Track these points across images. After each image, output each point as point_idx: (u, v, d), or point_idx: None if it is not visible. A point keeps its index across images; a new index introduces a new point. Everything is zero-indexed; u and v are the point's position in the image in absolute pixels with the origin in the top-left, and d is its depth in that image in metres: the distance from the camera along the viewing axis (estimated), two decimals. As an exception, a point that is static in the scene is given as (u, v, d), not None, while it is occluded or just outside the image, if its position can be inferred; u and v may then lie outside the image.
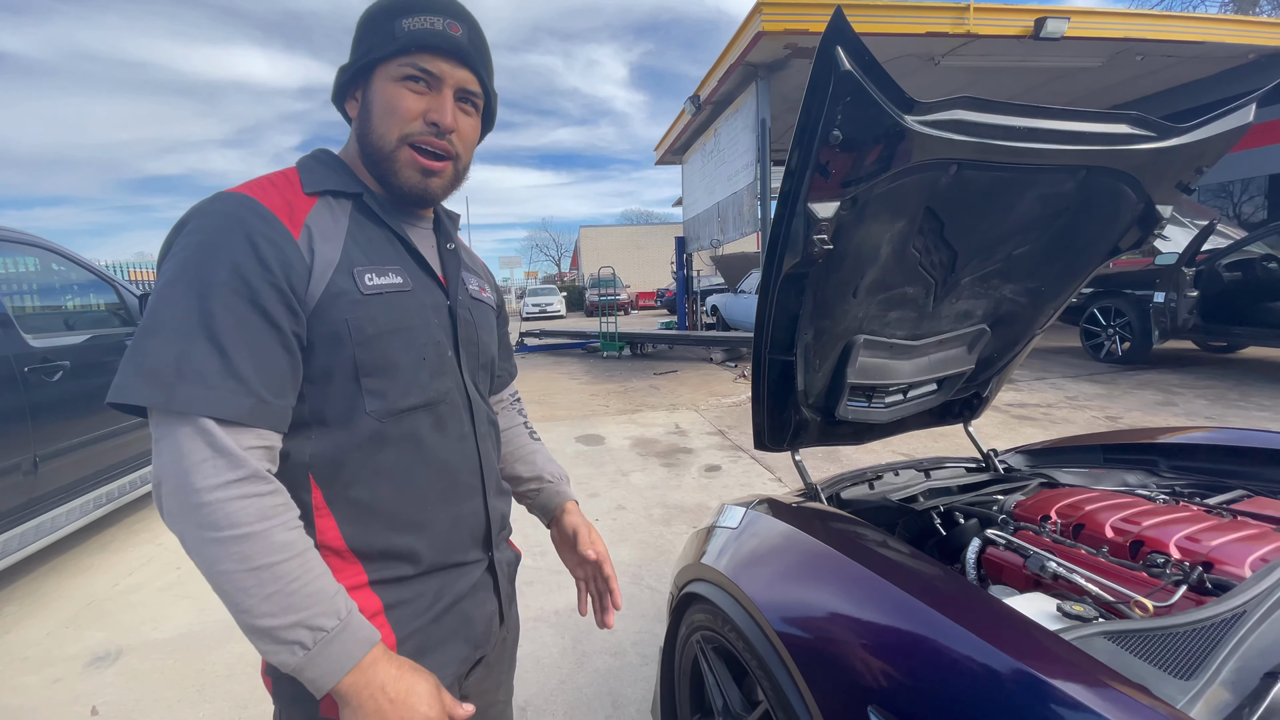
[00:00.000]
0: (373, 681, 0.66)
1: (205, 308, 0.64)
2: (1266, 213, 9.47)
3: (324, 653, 0.64)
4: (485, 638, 0.91)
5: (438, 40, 0.75)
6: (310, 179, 0.77)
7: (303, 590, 0.64)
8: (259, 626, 0.63)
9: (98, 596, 2.77)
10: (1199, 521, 1.10)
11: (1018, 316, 1.49)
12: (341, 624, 0.66)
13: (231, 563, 0.62)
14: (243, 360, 0.65)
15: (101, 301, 3.53)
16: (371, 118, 0.78)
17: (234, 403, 0.64)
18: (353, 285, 0.74)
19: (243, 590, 0.62)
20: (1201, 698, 0.67)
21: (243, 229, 0.67)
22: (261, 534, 0.63)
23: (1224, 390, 5.51)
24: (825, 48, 0.86)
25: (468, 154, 0.85)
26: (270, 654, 0.64)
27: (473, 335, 0.89)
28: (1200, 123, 1.16)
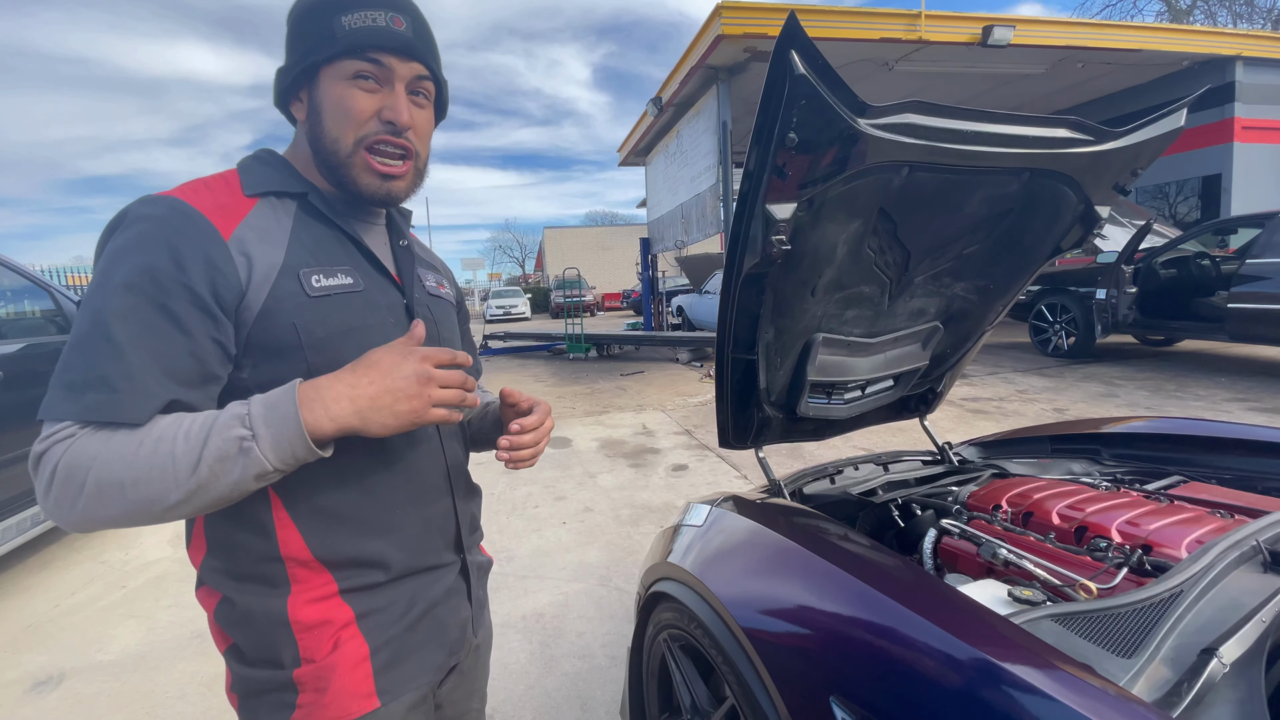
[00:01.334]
0: (334, 392, 0.63)
1: (108, 311, 0.61)
2: (1200, 213, 10.01)
3: (264, 420, 0.61)
4: (460, 644, 0.90)
5: (384, 38, 0.73)
6: (250, 180, 0.74)
7: (195, 422, 0.61)
8: (204, 475, 0.59)
9: (38, 618, 2.63)
10: (1138, 507, 1.15)
11: (969, 313, 1.54)
12: (250, 402, 0.63)
13: (128, 472, 0.58)
14: (144, 363, 0.61)
15: (37, 308, 3.36)
16: (323, 121, 0.75)
17: (141, 405, 0.61)
18: (298, 287, 0.71)
19: (158, 471, 0.58)
20: (1143, 675, 0.71)
21: (162, 232, 0.64)
22: (114, 439, 0.59)
23: (1162, 382, 5.80)
24: (780, 52, 0.87)
25: (425, 148, 0.83)
26: (242, 476, 0.60)
27: (433, 333, 0.87)
28: (1135, 127, 1.22)
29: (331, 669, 0.73)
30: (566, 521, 3.36)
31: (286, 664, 0.73)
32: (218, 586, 0.75)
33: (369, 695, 0.76)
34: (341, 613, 0.75)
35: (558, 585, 2.64)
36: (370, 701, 0.76)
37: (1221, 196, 9.59)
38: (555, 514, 3.50)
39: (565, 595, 2.56)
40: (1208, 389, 5.38)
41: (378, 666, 0.77)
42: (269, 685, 0.74)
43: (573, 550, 3.00)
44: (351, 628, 0.75)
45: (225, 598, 0.74)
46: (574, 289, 13.27)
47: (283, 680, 0.73)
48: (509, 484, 3.98)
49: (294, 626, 0.73)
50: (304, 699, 0.73)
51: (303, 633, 0.73)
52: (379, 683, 0.77)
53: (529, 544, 3.09)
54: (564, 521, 3.37)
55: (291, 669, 0.73)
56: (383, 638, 0.78)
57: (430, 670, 0.84)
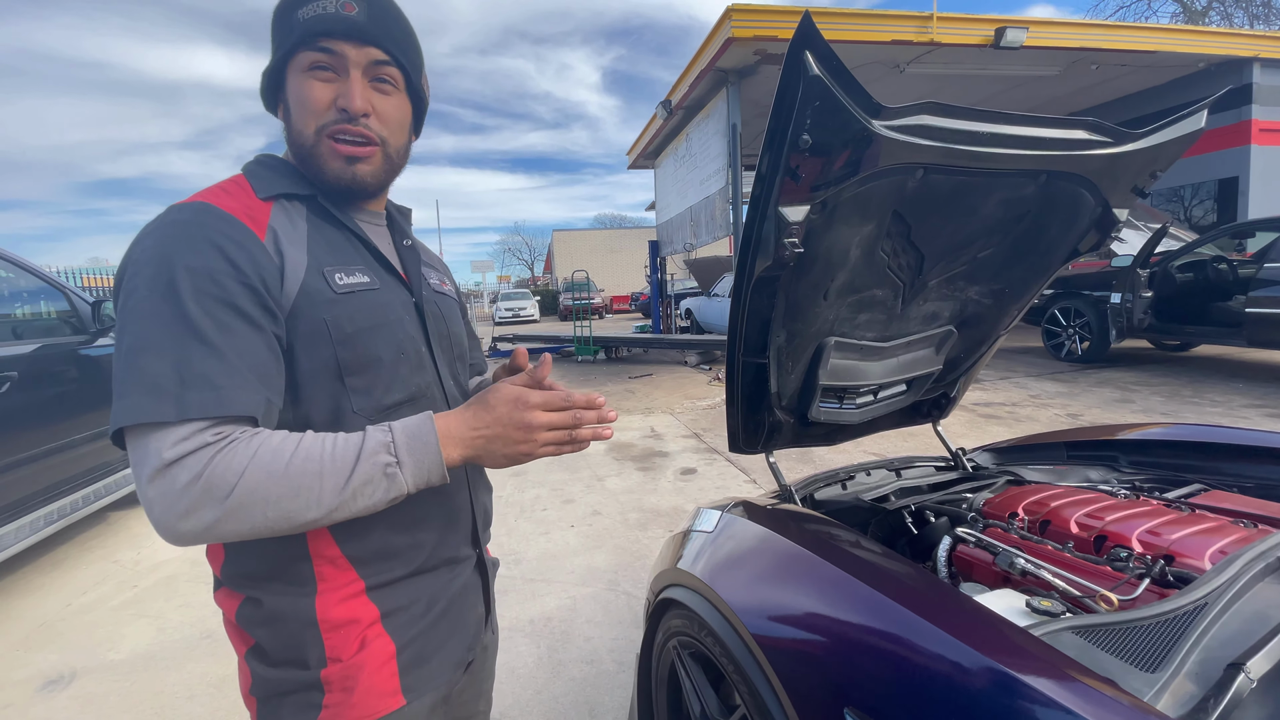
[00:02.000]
0: (463, 431, 0.69)
1: (187, 314, 0.62)
2: (1216, 216, 9.88)
3: (408, 449, 0.66)
4: (476, 640, 0.91)
5: (331, 24, 0.72)
6: (261, 184, 0.75)
7: (340, 443, 0.65)
8: (351, 491, 0.63)
9: (50, 617, 2.65)
10: (1159, 516, 1.13)
11: (983, 317, 1.52)
12: (393, 430, 0.67)
13: (275, 488, 0.60)
14: (238, 361, 0.63)
15: (52, 309, 3.39)
16: (291, 117, 0.76)
17: (245, 399, 0.63)
18: (325, 285, 0.72)
19: (301, 490, 0.61)
20: (1167, 690, 0.69)
21: (205, 234, 0.65)
22: (262, 452, 0.61)
23: (1178, 387, 5.72)
24: (794, 52, 0.86)
25: (396, 135, 0.80)
26: (381, 499, 0.65)
27: (443, 329, 0.89)
28: (1155, 128, 1.20)
29: (359, 668, 0.74)
30: (574, 525, 3.36)
31: (312, 664, 0.73)
32: (240, 588, 0.75)
33: (394, 693, 0.76)
34: (368, 611, 0.75)
35: (565, 589, 2.63)
36: (396, 699, 0.76)
37: (1239, 199, 9.47)
38: (563, 517, 3.49)
39: (573, 599, 2.55)
40: (1225, 395, 5.29)
41: (403, 664, 0.78)
42: (294, 686, 0.73)
43: (581, 554, 2.99)
44: (377, 626, 0.76)
45: (249, 598, 0.74)
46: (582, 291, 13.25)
47: (309, 680, 0.73)
48: (517, 486, 3.97)
49: (321, 626, 0.73)
50: (330, 699, 0.73)
51: (330, 632, 0.73)
52: (404, 680, 0.77)
53: (537, 547, 3.08)
54: (572, 525, 3.36)
55: (318, 669, 0.73)
56: (407, 635, 0.78)
57: (451, 666, 0.85)
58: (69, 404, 3.11)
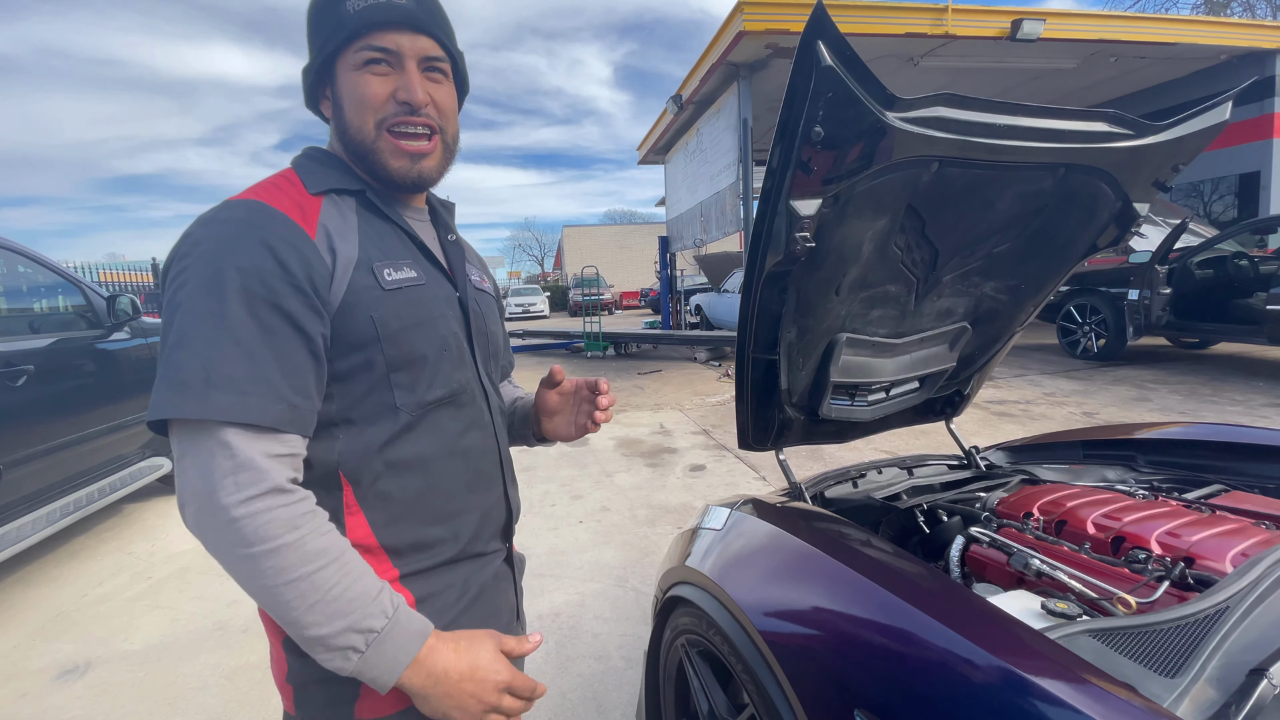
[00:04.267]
0: (435, 669, 0.67)
1: (228, 314, 0.62)
2: (1237, 211, 9.71)
3: (379, 652, 0.64)
4: (509, 628, 0.91)
5: (385, 14, 0.72)
6: (312, 179, 0.75)
7: (345, 594, 0.63)
8: (309, 636, 0.62)
9: (66, 608, 2.69)
10: (1179, 517, 1.10)
11: (998, 314, 1.49)
12: (390, 621, 0.65)
13: (268, 577, 0.60)
14: (270, 365, 0.64)
15: (68, 304, 3.43)
16: (345, 113, 0.76)
17: (268, 408, 0.63)
18: (374, 281, 0.73)
19: (285, 603, 0.61)
20: (1188, 695, 0.67)
21: (257, 233, 0.66)
22: (293, 544, 0.61)
23: (1197, 385, 5.63)
24: (806, 43, 0.85)
25: (451, 123, 0.82)
26: (325, 661, 0.63)
27: (483, 326, 0.89)
28: (1177, 120, 1.17)
29: None
30: (583, 520, 3.36)
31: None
32: None
33: None
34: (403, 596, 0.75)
35: (574, 585, 2.64)
36: None
37: (1260, 194, 9.29)
38: (572, 513, 3.49)
39: (581, 595, 2.55)
40: (1245, 394, 5.20)
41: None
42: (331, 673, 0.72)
43: (589, 550, 2.99)
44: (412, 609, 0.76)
45: None
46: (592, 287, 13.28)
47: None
48: (527, 482, 3.98)
49: None
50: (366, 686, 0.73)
51: None
52: None
53: (546, 542, 3.09)
54: (580, 520, 3.36)
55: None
56: (442, 621, 0.78)
57: None
58: (85, 397, 3.15)
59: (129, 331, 3.59)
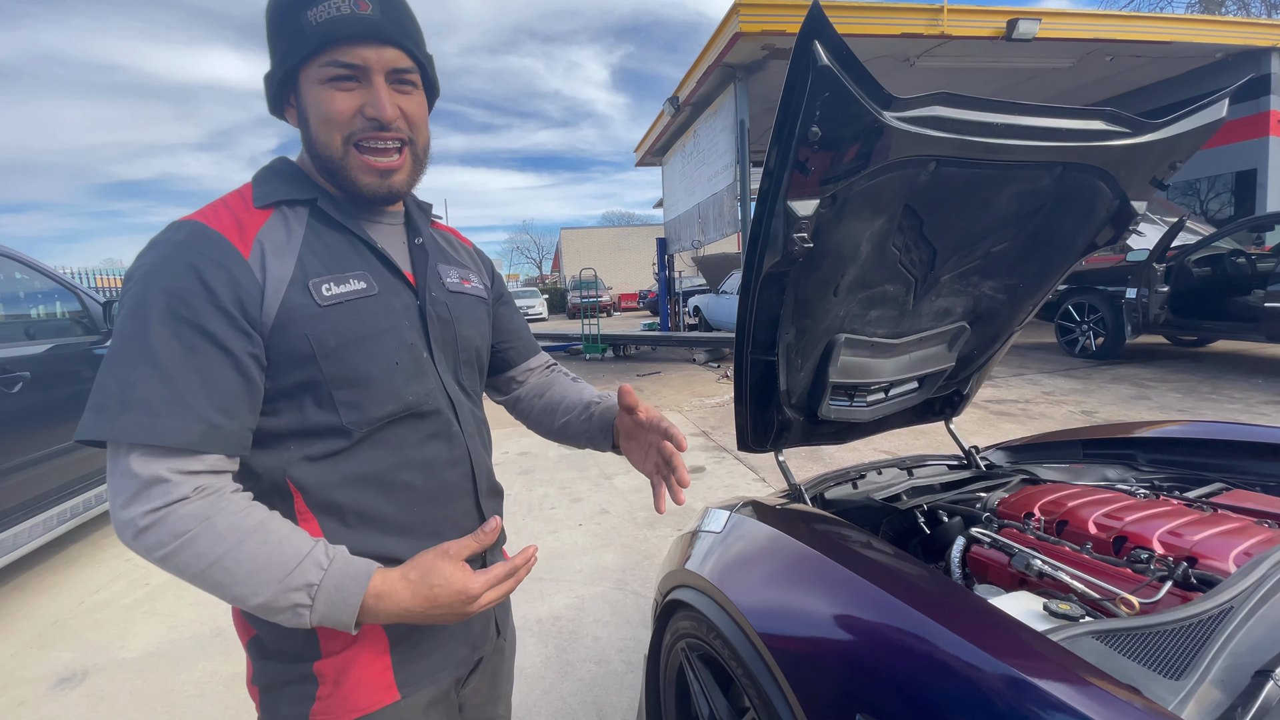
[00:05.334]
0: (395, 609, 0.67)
1: (151, 335, 0.63)
2: (1234, 209, 9.72)
3: (327, 601, 0.65)
4: (482, 638, 0.90)
5: (349, 27, 0.69)
6: (261, 192, 0.74)
7: (272, 561, 0.64)
8: (254, 606, 0.64)
9: (63, 615, 2.67)
10: (1180, 516, 1.10)
11: (997, 313, 1.49)
12: (327, 572, 0.66)
13: (195, 566, 0.62)
14: (190, 386, 0.64)
15: (65, 310, 3.42)
16: (311, 128, 0.74)
17: (182, 429, 0.63)
18: (309, 299, 0.71)
19: (221, 585, 0.63)
20: (1193, 698, 0.66)
21: (185, 255, 0.66)
22: (204, 532, 0.62)
23: (1195, 383, 5.63)
24: (803, 42, 0.84)
25: (421, 133, 0.79)
26: (281, 621, 0.65)
27: (449, 334, 0.85)
28: (1174, 118, 1.17)
29: (351, 661, 0.74)
30: (583, 523, 3.35)
31: (307, 656, 0.74)
32: None
33: (389, 687, 0.76)
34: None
35: (574, 588, 2.63)
36: (390, 694, 0.76)
37: (1257, 192, 9.30)
38: (571, 516, 3.48)
39: (581, 599, 2.54)
40: (1244, 391, 5.20)
41: (397, 659, 0.77)
42: (290, 677, 0.74)
43: (589, 553, 2.98)
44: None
45: None
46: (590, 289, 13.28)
47: (303, 672, 0.74)
48: (525, 485, 3.97)
49: None
50: (324, 690, 0.74)
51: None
52: (399, 675, 0.77)
53: (545, 546, 3.08)
54: (580, 523, 3.35)
55: (311, 661, 0.74)
56: (401, 629, 0.77)
57: (453, 664, 0.84)
58: (81, 403, 3.11)
59: (126, 337, 3.58)
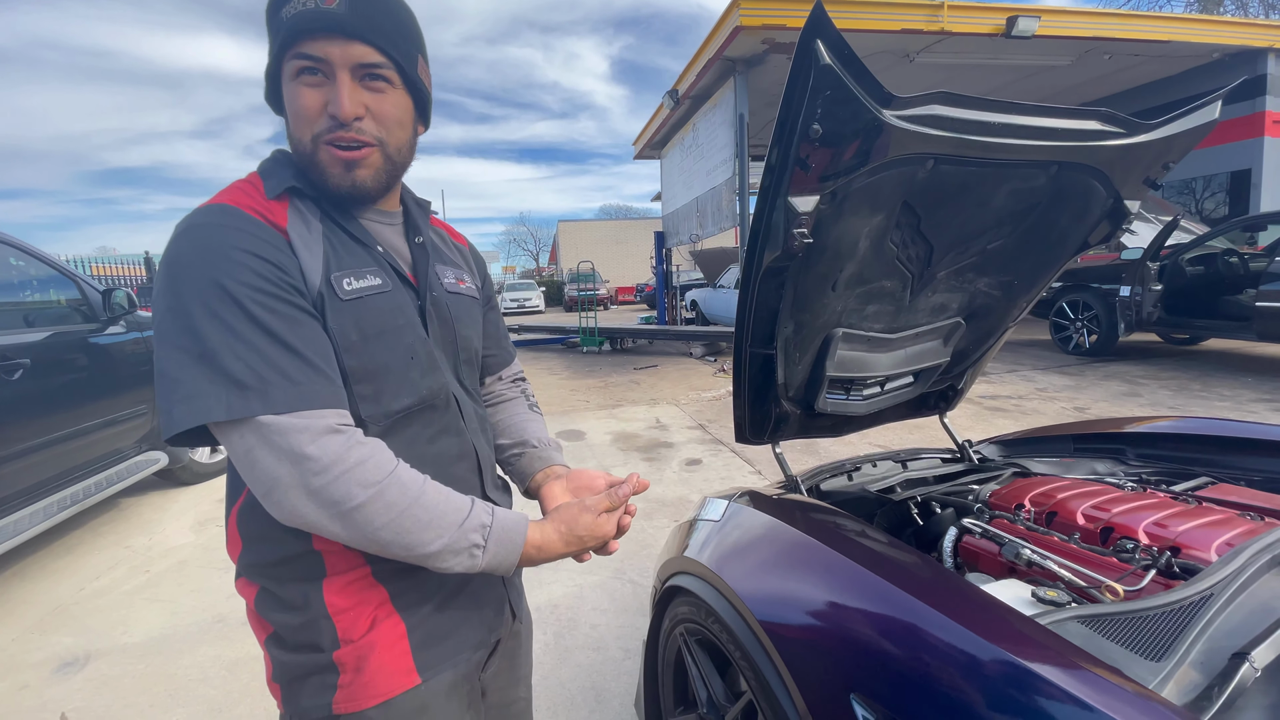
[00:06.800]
0: (550, 554, 0.78)
1: (250, 313, 0.64)
2: (1228, 209, 9.76)
3: (498, 542, 0.72)
4: (498, 621, 0.91)
5: (311, 21, 0.68)
6: (271, 183, 0.74)
7: (450, 506, 0.70)
8: (433, 551, 0.68)
9: (64, 601, 2.69)
10: (1166, 508, 1.13)
11: (991, 310, 1.51)
12: (494, 516, 0.73)
13: (382, 517, 0.65)
14: (309, 352, 0.67)
15: (63, 297, 3.42)
16: (289, 124, 0.75)
17: (322, 392, 0.66)
18: (331, 291, 0.72)
19: (405, 532, 0.67)
20: (1172, 678, 0.69)
21: (238, 235, 0.67)
22: (392, 481, 0.67)
23: (1187, 381, 5.68)
24: (805, 41, 0.86)
25: (395, 134, 0.76)
26: (453, 565, 0.70)
27: (449, 333, 0.87)
28: (1168, 119, 1.19)
29: (370, 647, 0.75)
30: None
31: (326, 646, 0.74)
32: (255, 578, 0.77)
33: (409, 671, 0.77)
34: (375, 592, 0.77)
35: (572, 577, 2.66)
36: (411, 678, 0.77)
37: (1251, 192, 9.34)
38: (569, 506, 3.49)
39: (579, 587, 2.57)
40: (1233, 389, 5.26)
41: (415, 643, 0.78)
42: (310, 669, 0.75)
43: (586, 543, 3.00)
44: (387, 606, 0.77)
45: (263, 588, 0.77)
46: (587, 282, 13.26)
47: (324, 663, 0.74)
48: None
49: (330, 609, 0.74)
50: (345, 679, 0.75)
51: (339, 614, 0.75)
52: (418, 659, 0.78)
53: (543, 536, 3.10)
54: (578, 514, 3.37)
55: (331, 651, 0.74)
56: (418, 614, 0.79)
57: (469, 647, 0.85)
58: (81, 391, 3.14)
59: (125, 325, 3.58)
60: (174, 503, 3.87)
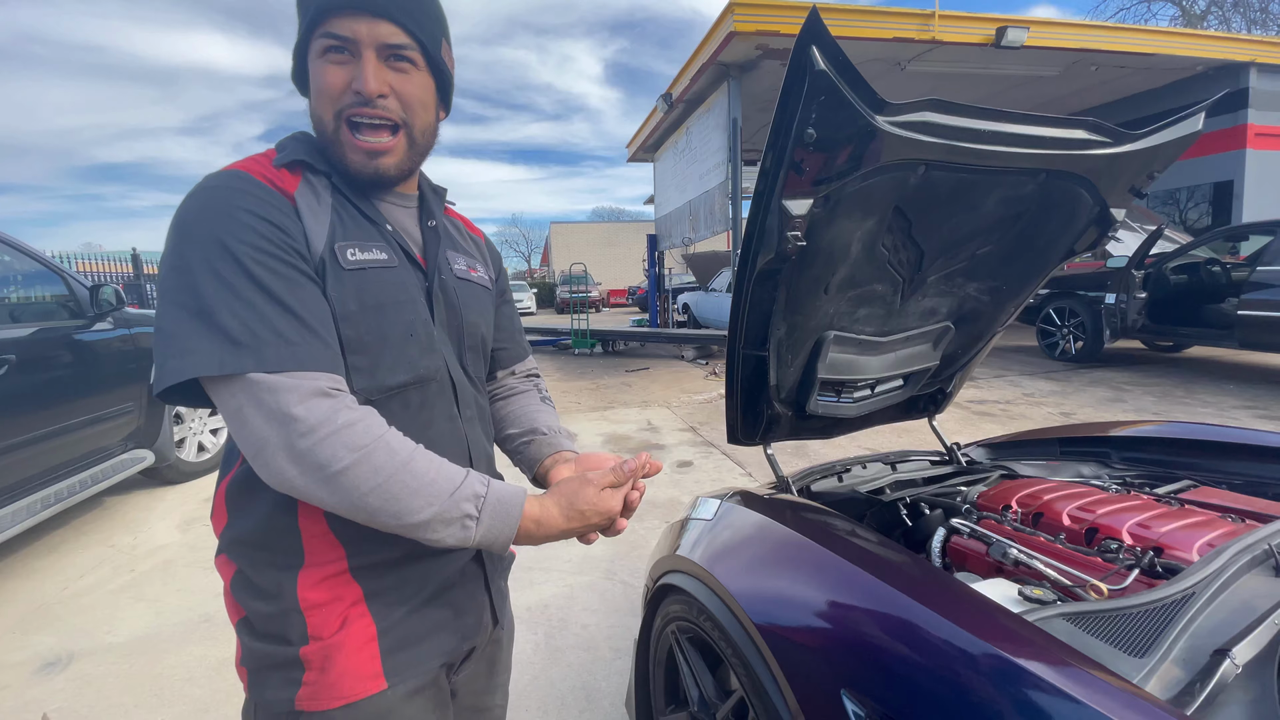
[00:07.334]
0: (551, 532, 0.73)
1: (251, 273, 0.65)
2: (1211, 219, 9.93)
3: (492, 514, 0.69)
4: (475, 630, 0.89)
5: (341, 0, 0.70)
6: (283, 154, 0.75)
7: (442, 474, 0.68)
8: (422, 520, 0.66)
9: (47, 600, 2.66)
10: (1149, 510, 1.15)
11: (980, 314, 1.54)
12: (489, 487, 0.71)
13: (369, 482, 0.64)
14: (307, 314, 0.67)
15: (49, 293, 3.38)
16: (312, 102, 0.76)
17: (317, 355, 0.66)
18: (335, 261, 0.72)
19: (393, 498, 0.64)
20: (1155, 674, 0.71)
21: (245, 198, 0.68)
22: (380, 444, 0.65)
23: (1170, 387, 5.77)
24: (800, 47, 0.87)
25: (419, 115, 0.78)
26: (445, 538, 0.68)
27: (455, 318, 0.86)
28: (1153, 129, 1.22)
29: (337, 648, 0.73)
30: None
31: (294, 640, 0.73)
32: (234, 557, 0.77)
33: (375, 676, 0.75)
34: (350, 590, 0.75)
35: (562, 577, 2.66)
36: (377, 682, 0.75)
37: (1233, 203, 9.52)
38: (560, 508, 3.49)
39: (570, 587, 2.57)
40: (1216, 396, 5.35)
41: (385, 647, 0.76)
42: (277, 661, 0.74)
43: (577, 543, 3.00)
44: (360, 606, 0.75)
45: (240, 570, 0.76)
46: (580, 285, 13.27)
47: (290, 657, 0.73)
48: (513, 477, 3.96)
49: (302, 602, 0.73)
50: (310, 676, 0.73)
51: (311, 610, 0.73)
52: (387, 664, 0.76)
53: (533, 537, 3.09)
54: (568, 515, 3.37)
55: (299, 646, 0.73)
56: (390, 619, 0.77)
57: (440, 654, 0.83)
58: (66, 388, 3.11)
59: (112, 322, 3.54)
60: (160, 501, 3.83)
